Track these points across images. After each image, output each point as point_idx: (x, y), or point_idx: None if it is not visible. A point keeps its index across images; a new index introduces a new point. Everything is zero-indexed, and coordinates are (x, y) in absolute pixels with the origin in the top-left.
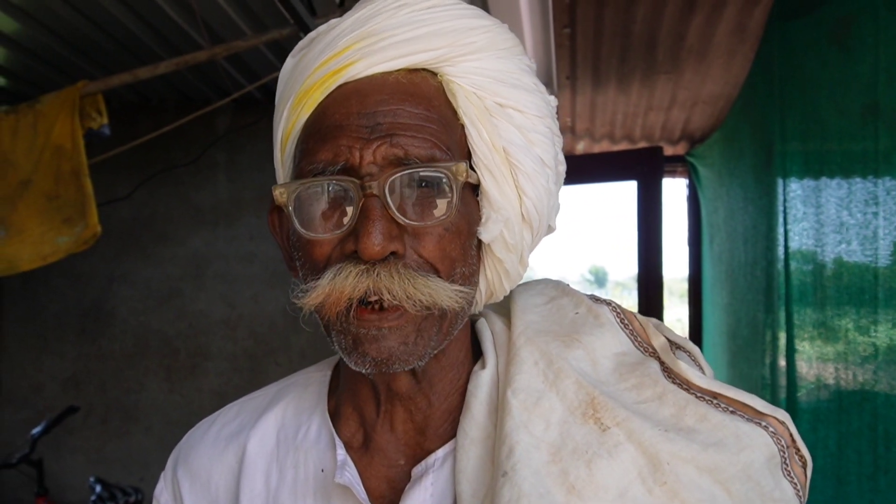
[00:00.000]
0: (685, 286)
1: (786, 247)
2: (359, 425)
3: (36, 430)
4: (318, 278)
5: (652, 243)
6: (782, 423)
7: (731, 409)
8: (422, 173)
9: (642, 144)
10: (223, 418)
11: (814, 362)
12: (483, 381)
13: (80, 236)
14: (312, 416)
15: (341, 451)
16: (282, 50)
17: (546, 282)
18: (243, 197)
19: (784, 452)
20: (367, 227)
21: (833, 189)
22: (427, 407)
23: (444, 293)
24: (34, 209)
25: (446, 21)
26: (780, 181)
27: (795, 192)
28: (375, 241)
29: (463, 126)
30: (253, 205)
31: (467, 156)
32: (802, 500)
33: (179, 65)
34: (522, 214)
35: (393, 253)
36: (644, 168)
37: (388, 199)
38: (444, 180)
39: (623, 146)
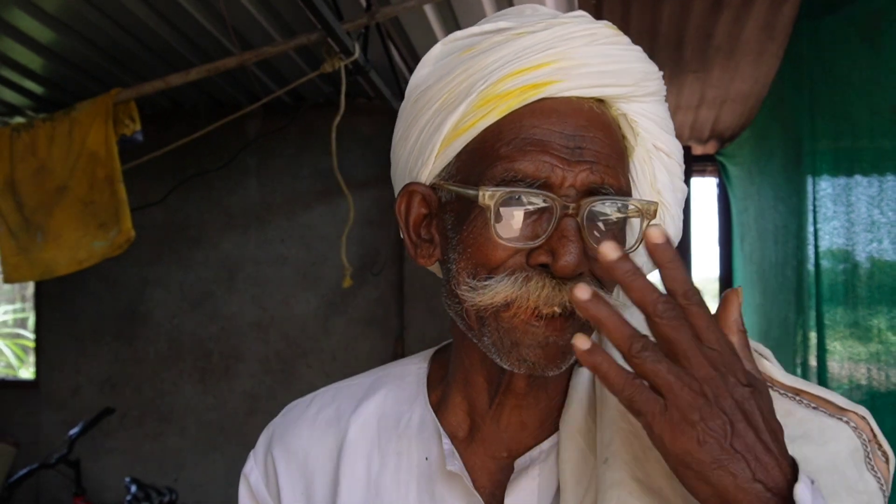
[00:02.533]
0: (717, 286)
1: (816, 246)
2: (466, 415)
3: (73, 432)
4: (490, 278)
5: (681, 243)
6: (863, 418)
7: (813, 405)
8: (621, 206)
9: None
10: (319, 401)
11: (845, 362)
12: (582, 378)
13: (115, 241)
14: (414, 406)
15: (447, 441)
16: (310, 54)
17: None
18: (274, 200)
19: (867, 447)
20: (566, 247)
21: (864, 187)
22: (535, 402)
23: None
24: (70, 215)
25: (633, 62)
26: (809, 179)
27: (826, 191)
28: (572, 261)
29: (629, 162)
30: (283, 208)
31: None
32: (886, 494)
33: (210, 71)
34: None
35: (580, 273)
36: None
37: (584, 223)
38: (637, 215)
39: None
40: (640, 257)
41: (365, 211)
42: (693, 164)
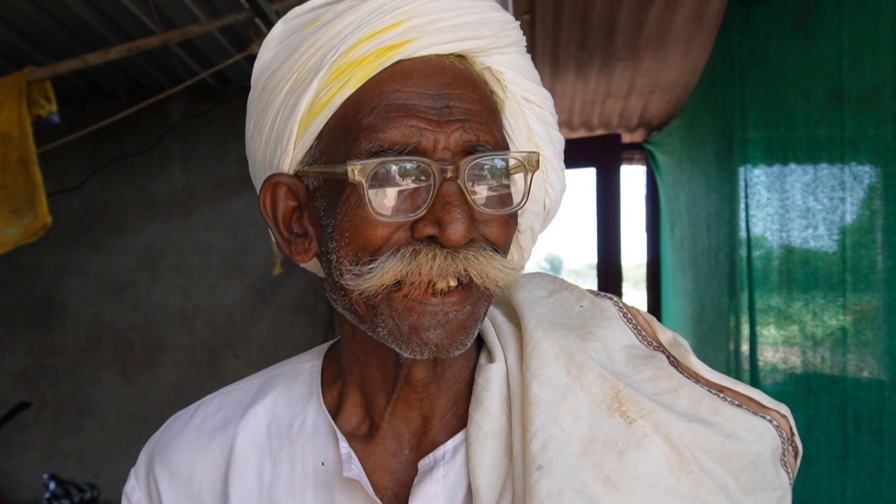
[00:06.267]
0: (640, 272)
1: (748, 232)
2: (364, 414)
3: None
4: (374, 260)
5: (611, 230)
6: (784, 416)
7: (736, 402)
8: (502, 160)
9: (600, 132)
10: (204, 411)
11: (780, 346)
12: (494, 374)
13: (30, 227)
14: (307, 408)
15: (344, 445)
16: (236, 36)
17: (540, 275)
18: (199, 186)
19: (785, 445)
20: (452, 213)
21: (798, 175)
22: (436, 394)
23: (514, 273)
24: None
25: (487, 12)
26: (741, 168)
27: (759, 178)
28: (461, 228)
29: (502, 117)
30: (208, 194)
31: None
32: (792, 485)
33: (131, 50)
34: (545, 205)
35: (471, 240)
36: (602, 155)
37: (466, 186)
38: (519, 169)
39: (581, 133)
40: (531, 213)
41: None
42: (622, 152)
